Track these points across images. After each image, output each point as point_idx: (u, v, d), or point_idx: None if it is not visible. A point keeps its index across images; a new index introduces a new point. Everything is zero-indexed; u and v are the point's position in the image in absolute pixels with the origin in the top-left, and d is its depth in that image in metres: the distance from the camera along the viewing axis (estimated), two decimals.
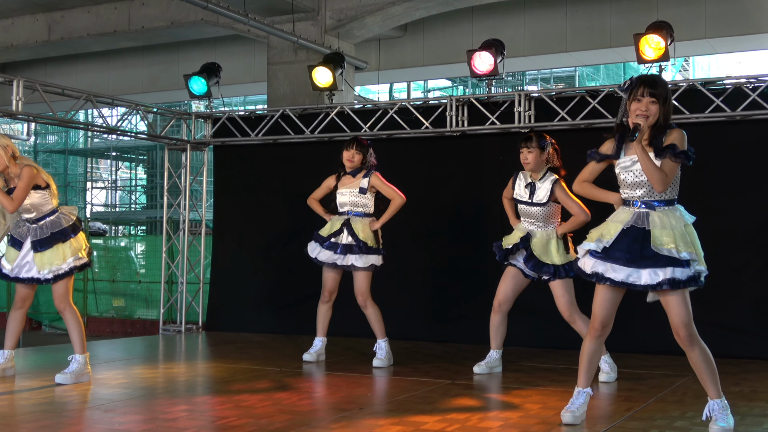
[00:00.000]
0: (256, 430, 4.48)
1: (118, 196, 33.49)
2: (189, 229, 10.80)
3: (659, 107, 4.51)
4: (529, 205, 6.41)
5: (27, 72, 16.87)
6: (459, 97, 9.20)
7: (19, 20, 16.45)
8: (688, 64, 25.82)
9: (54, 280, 6.07)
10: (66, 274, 6.10)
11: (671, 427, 4.69)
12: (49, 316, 15.91)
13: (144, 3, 15.12)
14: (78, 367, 6.08)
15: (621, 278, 4.50)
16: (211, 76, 10.34)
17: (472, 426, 4.66)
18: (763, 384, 6.25)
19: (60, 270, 6.07)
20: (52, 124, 10.08)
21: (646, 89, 4.51)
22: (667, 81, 4.70)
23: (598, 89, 8.59)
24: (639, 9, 13.76)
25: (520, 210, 6.53)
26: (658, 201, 4.53)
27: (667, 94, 4.59)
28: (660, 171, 4.42)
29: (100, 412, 5.04)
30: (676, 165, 4.47)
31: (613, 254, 4.52)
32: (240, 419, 4.79)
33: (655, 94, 4.50)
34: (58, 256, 6.05)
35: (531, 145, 6.35)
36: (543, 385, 6.11)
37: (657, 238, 4.42)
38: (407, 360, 7.46)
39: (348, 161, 7.11)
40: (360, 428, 4.64)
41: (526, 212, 6.47)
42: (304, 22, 13.44)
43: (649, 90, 4.51)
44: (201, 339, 9.61)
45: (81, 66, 18.70)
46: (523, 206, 6.48)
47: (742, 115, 7.91)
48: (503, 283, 6.59)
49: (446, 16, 14.78)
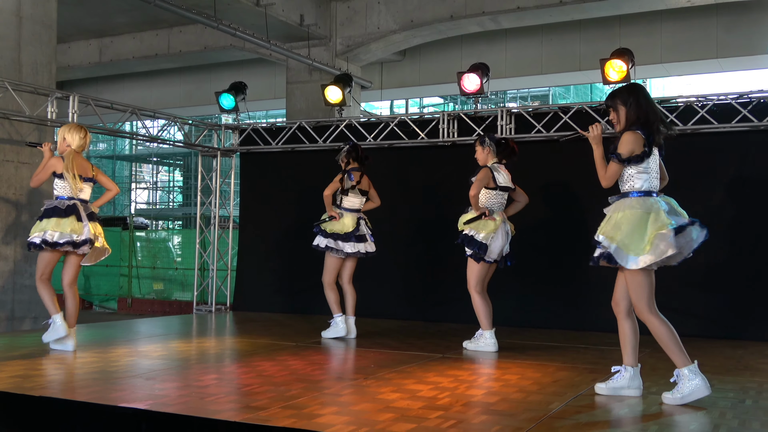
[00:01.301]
0: (275, 395, 4.47)
1: (158, 196, 33.50)
2: (219, 223, 10.80)
3: (618, 113, 4.57)
4: (504, 190, 6.48)
5: (81, 89, 16.89)
6: (450, 113, 9.18)
7: (75, 45, 16.49)
8: (646, 85, 25.78)
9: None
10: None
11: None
12: (98, 297, 15.91)
13: (181, 30, 15.13)
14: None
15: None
16: (238, 93, 10.33)
17: (460, 394, 4.64)
18: (709, 358, 6.23)
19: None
20: (102, 134, 10.06)
21: (606, 104, 4.65)
22: (624, 89, 4.64)
23: (569, 106, 8.57)
24: (604, 37, 13.78)
25: (498, 199, 6.50)
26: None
27: (623, 99, 4.56)
28: (600, 169, 4.51)
29: (142, 380, 5.03)
30: (613, 163, 4.47)
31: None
32: (261, 386, 4.78)
33: (610, 105, 4.61)
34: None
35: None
36: (521, 359, 6.09)
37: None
38: (405, 336, 7.45)
39: None
40: (364, 394, 4.63)
41: (501, 200, 6.52)
42: (318, 48, 13.44)
43: (607, 103, 4.65)
44: (228, 318, 9.60)
45: (127, 84, 18.71)
46: (502, 193, 6.50)
47: (692, 129, 7.90)
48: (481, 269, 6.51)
49: (439, 43, 14.79)
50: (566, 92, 24.01)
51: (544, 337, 7.36)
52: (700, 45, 13.52)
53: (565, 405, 4.35)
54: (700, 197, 7.84)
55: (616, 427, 3.96)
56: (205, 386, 4.79)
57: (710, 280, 7.71)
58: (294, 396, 4.46)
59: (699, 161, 7.89)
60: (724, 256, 7.69)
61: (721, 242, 7.75)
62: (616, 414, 4.29)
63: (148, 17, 14.64)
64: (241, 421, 3.83)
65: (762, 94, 7.63)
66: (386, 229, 8.31)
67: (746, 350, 6.75)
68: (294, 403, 4.25)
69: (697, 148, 7.92)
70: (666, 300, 6.82)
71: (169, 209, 32.19)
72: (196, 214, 11.27)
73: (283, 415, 3.94)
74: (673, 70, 14.98)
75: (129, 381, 5.03)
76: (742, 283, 7.64)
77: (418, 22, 12.84)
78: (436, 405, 4.29)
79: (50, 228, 6.00)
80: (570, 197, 8.38)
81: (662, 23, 13.70)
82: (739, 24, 13.12)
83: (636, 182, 4.48)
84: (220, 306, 10.55)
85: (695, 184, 7.86)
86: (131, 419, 4.06)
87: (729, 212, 7.76)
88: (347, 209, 7.27)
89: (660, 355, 6.31)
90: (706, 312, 7.71)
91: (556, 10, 11.91)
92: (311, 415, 3.97)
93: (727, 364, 5.96)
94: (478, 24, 12.75)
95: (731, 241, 7.72)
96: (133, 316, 13.78)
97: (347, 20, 13.37)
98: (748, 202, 7.70)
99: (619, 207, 4.49)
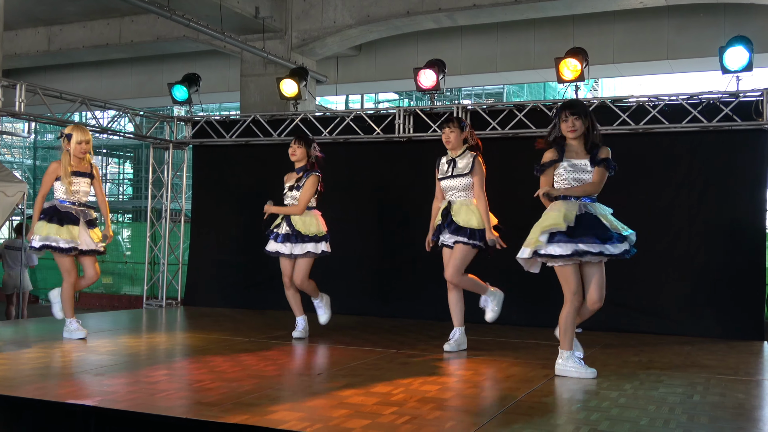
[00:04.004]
0: (228, 392, 4.42)
1: (107, 188, 32.89)
2: (170, 217, 10.65)
3: (582, 121, 5.04)
4: (451, 177, 6.10)
5: (28, 78, 16.43)
6: (406, 108, 9.19)
7: (23, 32, 16.09)
8: (598, 85, 26.10)
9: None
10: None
11: (583, 389, 4.73)
12: (45, 292, 15.58)
13: (133, 20, 14.86)
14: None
15: (597, 250, 4.91)
16: (191, 85, 10.20)
17: (414, 390, 4.64)
18: (658, 355, 6.35)
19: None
20: (50, 124, 9.84)
21: (567, 111, 5.07)
22: (583, 101, 5.02)
23: (524, 104, 8.64)
24: (558, 37, 13.91)
25: (444, 186, 6.17)
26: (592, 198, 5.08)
27: (586, 110, 5.10)
28: (596, 185, 5.05)
29: (90, 376, 4.93)
30: (605, 173, 5.05)
31: (578, 234, 4.90)
32: (213, 382, 4.72)
33: (575, 112, 5.05)
34: None
35: (453, 126, 6.13)
36: (474, 355, 6.11)
37: (610, 222, 5.00)
38: (359, 333, 7.43)
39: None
40: (318, 390, 4.60)
41: (448, 186, 6.14)
42: (273, 41, 13.32)
43: (570, 111, 5.06)
44: (179, 313, 9.48)
45: (76, 74, 18.31)
46: (446, 181, 6.14)
47: (644, 128, 8.03)
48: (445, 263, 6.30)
49: (395, 39, 14.78)
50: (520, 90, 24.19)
51: (496, 334, 7.41)
52: (652, 46, 13.74)
53: (519, 400, 4.38)
54: (651, 196, 7.98)
55: (568, 422, 4.00)
56: (155, 382, 4.71)
57: (659, 277, 7.85)
58: (247, 392, 4.41)
59: (650, 160, 8.02)
60: (673, 253, 7.84)
61: (670, 240, 7.90)
62: (568, 409, 4.33)
63: (99, 6, 14.35)
64: (192, 418, 3.77)
65: (712, 96, 7.78)
66: (341, 224, 8.27)
67: (693, 346, 6.88)
68: (246, 400, 4.20)
69: (648, 148, 8.06)
70: (617, 296, 6.95)
71: (118, 202, 31.63)
72: (146, 207, 11.08)
73: (235, 412, 3.89)
74: (624, 70, 15.21)
75: (77, 377, 4.92)
76: (690, 279, 7.79)
77: (374, 17, 12.82)
78: (390, 401, 4.28)
79: (53, 233, 6.39)
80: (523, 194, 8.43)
81: (615, 24, 13.89)
82: (690, 26, 13.37)
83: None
84: (170, 300, 10.41)
85: (646, 183, 7.99)
86: (80, 416, 3.97)
87: (679, 211, 7.90)
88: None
89: (611, 351, 6.42)
90: (654, 309, 7.85)
91: (510, 8, 11.99)
92: (264, 412, 3.93)
93: (675, 361, 6.07)
94: (434, 20, 12.77)
95: (679, 239, 7.87)
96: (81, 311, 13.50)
97: (303, 14, 13.28)
98: (697, 202, 7.85)
99: (604, 209, 5.10)
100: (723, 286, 7.64)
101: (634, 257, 5.11)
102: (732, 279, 7.60)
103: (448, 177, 6.15)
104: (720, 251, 7.71)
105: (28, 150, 28.60)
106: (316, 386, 4.76)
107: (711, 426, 3.94)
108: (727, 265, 7.65)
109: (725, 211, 7.75)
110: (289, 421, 3.72)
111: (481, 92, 24.10)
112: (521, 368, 5.53)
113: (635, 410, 4.20)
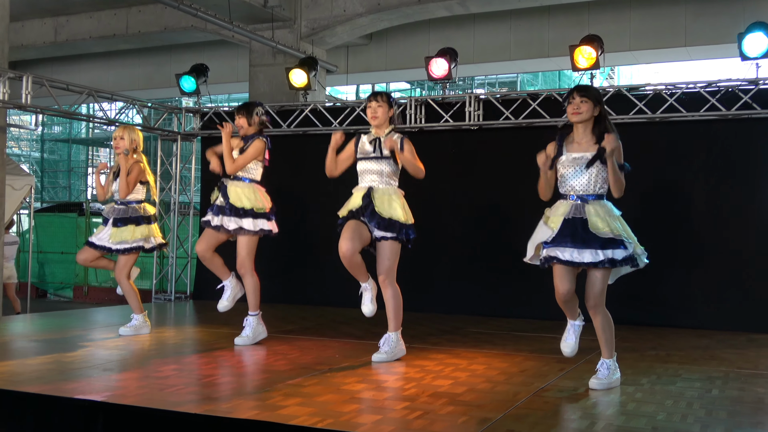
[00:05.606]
0: (237, 386, 4.43)
1: None
2: (179, 210, 10.67)
3: (590, 105, 4.60)
4: (375, 159, 5.48)
5: (35, 69, 16.51)
6: (417, 98, 9.16)
7: (29, 23, 16.11)
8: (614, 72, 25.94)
9: (122, 252, 6.64)
10: (128, 250, 6.67)
11: None
12: (53, 286, 15.66)
13: (141, 10, 14.86)
14: (137, 323, 6.70)
15: (567, 258, 4.54)
16: (199, 75, 10.20)
17: (426, 384, 4.64)
18: (676, 348, 6.32)
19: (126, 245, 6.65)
20: (57, 116, 9.87)
21: (576, 93, 4.65)
22: (597, 88, 4.76)
23: (538, 93, 8.60)
24: (572, 24, 13.81)
25: (364, 168, 5.54)
26: (593, 195, 4.59)
27: (597, 95, 4.67)
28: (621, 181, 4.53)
29: (99, 371, 4.95)
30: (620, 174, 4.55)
31: (561, 239, 4.56)
32: (223, 377, 4.74)
33: (584, 94, 4.62)
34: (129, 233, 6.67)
35: (381, 100, 5.55)
36: (487, 349, 6.11)
37: (593, 224, 4.49)
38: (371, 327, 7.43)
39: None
40: (328, 385, 4.61)
41: (369, 169, 5.51)
42: (282, 30, 13.30)
43: (579, 92, 4.64)
44: (189, 306, 9.51)
45: (83, 65, 18.35)
46: (367, 162, 5.51)
47: (661, 117, 7.97)
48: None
49: (406, 27, 14.72)
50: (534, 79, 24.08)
51: (510, 326, 7.40)
52: (669, 33, 13.63)
53: (533, 395, 4.37)
54: (669, 185, 7.94)
55: (583, 417, 3.99)
56: (164, 377, 4.73)
57: (676, 270, 7.81)
58: (257, 387, 4.42)
59: (668, 149, 7.97)
60: (692, 245, 7.80)
61: (689, 230, 7.86)
62: (583, 404, 4.32)
63: None
64: (202, 413, 3.78)
65: (730, 83, 7.72)
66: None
67: (712, 339, 6.85)
68: (256, 395, 4.21)
69: (665, 137, 8.01)
70: (631, 289, 6.92)
71: None
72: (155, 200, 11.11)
73: (245, 407, 3.90)
74: (641, 57, 15.11)
75: (85, 372, 4.94)
76: (709, 270, 7.75)
77: (384, 5, 12.77)
78: (402, 396, 4.28)
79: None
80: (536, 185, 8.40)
81: (631, 11, 13.79)
82: (708, 12, 13.26)
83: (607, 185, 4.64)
84: (179, 294, 10.45)
85: (663, 171, 7.95)
86: (88, 412, 3.99)
87: (698, 202, 7.86)
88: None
89: (626, 344, 6.38)
90: (672, 301, 7.81)
91: None
92: (274, 407, 3.93)
93: (693, 354, 6.04)
94: (445, 8, 12.71)
95: (699, 230, 7.82)
96: (89, 305, 13.60)
97: (312, 2, 13.25)
98: (716, 192, 7.80)
99: (607, 210, 4.58)
100: (742, 276, 7.60)
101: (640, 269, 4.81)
102: (752, 270, 7.56)
103: (371, 158, 5.52)
104: (740, 242, 7.66)
105: (36, 143, 28.72)
106: (326, 381, 4.77)
107: (729, 421, 3.92)
108: (747, 256, 7.60)
109: (745, 201, 7.70)
110: (299, 416, 3.72)
111: (495, 81, 23.99)
112: (535, 362, 5.52)
113: (652, 405, 4.18)
